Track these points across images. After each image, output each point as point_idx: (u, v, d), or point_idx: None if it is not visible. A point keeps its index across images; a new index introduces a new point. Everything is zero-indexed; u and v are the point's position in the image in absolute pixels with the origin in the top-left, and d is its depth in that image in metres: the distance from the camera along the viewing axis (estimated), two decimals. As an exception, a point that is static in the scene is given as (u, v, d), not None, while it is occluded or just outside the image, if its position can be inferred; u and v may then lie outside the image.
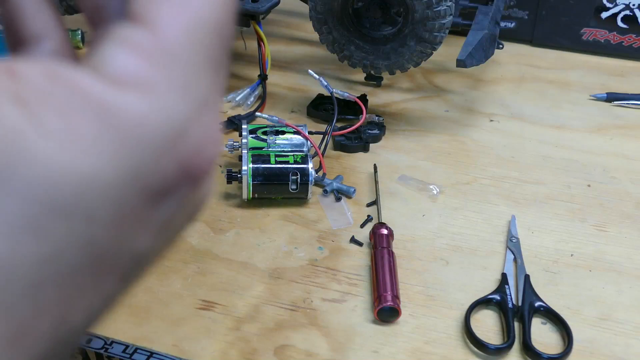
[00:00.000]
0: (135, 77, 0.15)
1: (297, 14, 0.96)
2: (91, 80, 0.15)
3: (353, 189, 0.62)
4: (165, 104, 0.16)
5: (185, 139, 0.16)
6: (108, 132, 0.15)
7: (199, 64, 0.17)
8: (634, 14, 0.86)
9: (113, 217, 0.15)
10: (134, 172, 0.15)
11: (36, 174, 0.14)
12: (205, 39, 0.17)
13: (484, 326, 0.49)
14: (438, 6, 0.64)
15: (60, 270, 0.15)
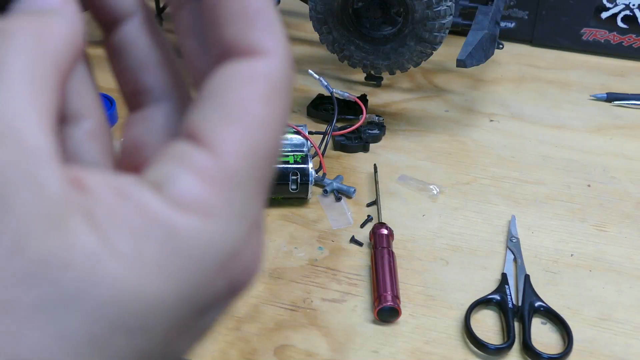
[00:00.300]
0: (198, 202, 0.16)
1: (297, 14, 0.96)
2: (158, 203, 0.16)
3: (353, 189, 0.62)
4: (224, 229, 0.16)
5: (236, 260, 0.17)
6: (172, 256, 0.16)
7: (255, 188, 0.17)
8: (634, 14, 0.86)
9: (167, 330, 0.16)
10: (191, 292, 0.16)
11: (107, 295, 0.15)
12: (261, 164, 0.17)
13: (484, 326, 0.49)
14: (438, 6, 0.64)
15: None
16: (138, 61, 0.21)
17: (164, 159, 0.17)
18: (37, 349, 0.14)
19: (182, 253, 0.16)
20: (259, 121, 0.17)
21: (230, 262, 0.17)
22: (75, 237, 0.15)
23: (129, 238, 0.15)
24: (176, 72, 0.21)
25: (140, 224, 0.15)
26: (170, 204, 0.16)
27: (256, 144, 0.17)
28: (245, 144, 0.17)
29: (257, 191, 0.17)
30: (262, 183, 0.18)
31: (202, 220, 0.16)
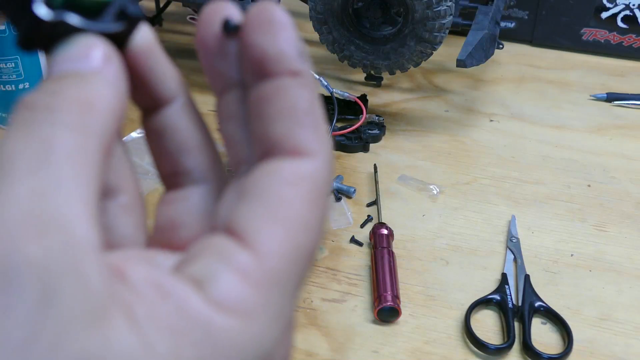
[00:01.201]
0: (239, 303, 0.16)
1: (297, 14, 0.96)
2: (199, 303, 0.16)
3: (353, 189, 0.62)
4: (261, 330, 0.16)
5: (272, 357, 0.17)
6: (210, 357, 0.15)
7: (293, 289, 0.17)
8: (634, 14, 0.86)
9: None
10: None
11: None
12: (301, 265, 0.17)
13: (484, 326, 0.49)
14: (438, 6, 0.64)
15: None
16: (179, 144, 0.20)
17: (205, 254, 0.17)
18: None
19: (220, 354, 0.16)
20: (302, 223, 0.17)
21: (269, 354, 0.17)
22: (114, 336, 0.14)
23: (169, 338, 0.15)
24: (215, 154, 0.21)
25: (180, 324, 0.15)
26: (210, 305, 0.16)
27: (298, 245, 0.17)
28: (288, 246, 0.17)
29: (295, 292, 0.17)
30: (299, 284, 0.17)
31: (240, 321, 0.16)
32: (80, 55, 0.17)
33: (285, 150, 0.18)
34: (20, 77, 0.68)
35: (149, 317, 0.15)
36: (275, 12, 0.19)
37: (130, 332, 0.15)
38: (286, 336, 0.18)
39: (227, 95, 0.20)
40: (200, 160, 0.21)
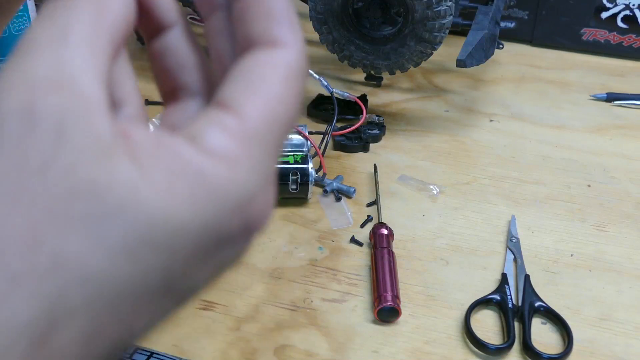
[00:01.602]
0: (224, 152, 0.19)
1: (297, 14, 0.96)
2: (191, 150, 0.19)
3: (353, 189, 0.62)
4: (243, 176, 0.20)
5: (251, 204, 0.20)
6: (200, 192, 0.19)
7: (270, 149, 0.21)
8: (634, 14, 0.86)
9: (189, 255, 0.19)
10: (213, 225, 0.19)
11: (142, 215, 0.18)
12: (276, 130, 0.21)
13: (484, 326, 0.49)
14: (438, 6, 0.64)
15: (140, 289, 0.19)
16: (178, 63, 0.24)
17: (197, 121, 0.20)
18: (79, 252, 0.18)
19: (208, 191, 0.19)
20: (277, 96, 0.21)
21: (246, 204, 0.20)
22: (119, 168, 0.18)
23: (165, 175, 0.18)
24: (207, 73, 0.24)
25: (175, 165, 0.19)
26: (201, 153, 0.19)
27: (274, 113, 0.20)
28: (265, 112, 0.20)
29: (272, 152, 0.21)
30: (277, 146, 0.21)
31: (226, 167, 0.19)
32: None
33: (265, 43, 0.21)
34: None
35: (148, 159, 0.18)
36: None
37: (132, 167, 0.18)
38: (266, 189, 0.21)
39: (213, 16, 0.23)
40: (196, 76, 0.24)
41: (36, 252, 0.17)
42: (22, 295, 0.17)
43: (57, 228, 0.18)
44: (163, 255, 0.19)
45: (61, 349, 0.18)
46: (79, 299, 0.18)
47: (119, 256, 0.18)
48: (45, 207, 0.18)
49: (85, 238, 0.18)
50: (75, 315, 0.18)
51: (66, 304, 0.18)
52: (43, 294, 0.18)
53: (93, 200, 0.18)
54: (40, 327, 0.17)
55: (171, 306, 0.21)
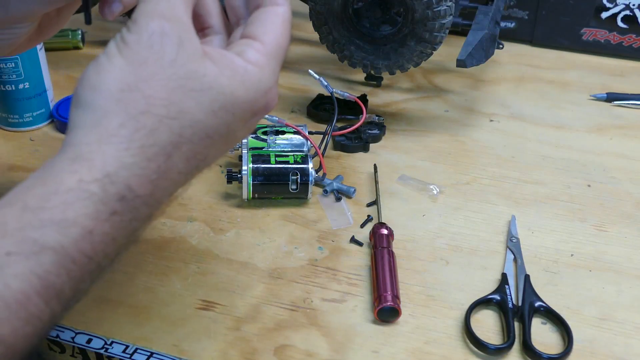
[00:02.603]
0: (257, 62, 0.36)
1: (297, 14, 0.95)
2: (240, 60, 0.36)
3: (353, 189, 0.62)
4: (267, 76, 0.37)
5: (270, 92, 0.37)
6: (247, 81, 0.36)
7: (279, 61, 0.38)
8: (634, 14, 0.86)
9: (240, 117, 0.36)
10: (253, 100, 0.36)
11: (220, 90, 0.35)
12: (282, 51, 0.38)
13: (484, 326, 0.49)
14: (438, 6, 0.64)
15: (216, 133, 0.35)
16: (208, 12, 0.41)
17: (239, 44, 0.37)
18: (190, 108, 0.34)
19: (251, 81, 0.36)
20: (281, 32, 0.37)
21: (268, 91, 0.37)
22: (207, 64, 0.35)
23: (229, 70, 0.35)
24: (225, 19, 0.41)
25: (233, 66, 0.35)
26: (245, 60, 0.36)
27: (280, 41, 0.37)
28: (276, 40, 0.37)
29: (280, 63, 0.38)
30: (281, 61, 0.38)
31: (259, 69, 0.36)
32: None
33: (269, 3, 0.38)
34: (20, 77, 0.68)
35: (219, 62, 0.35)
36: None
37: (213, 66, 0.35)
38: (275, 86, 0.38)
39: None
40: (218, 20, 0.41)
41: (171, 105, 0.33)
42: (164, 127, 0.33)
43: (180, 94, 0.34)
44: (229, 115, 0.35)
45: (175, 163, 0.34)
46: (189, 134, 0.34)
47: (209, 113, 0.34)
48: (174, 82, 0.33)
49: (193, 100, 0.34)
50: (186, 143, 0.34)
51: (183, 136, 0.34)
52: (174, 129, 0.34)
53: (197, 81, 0.34)
54: (170, 147, 0.33)
55: (225, 148, 0.37)
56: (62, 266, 0.31)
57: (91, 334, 0.47)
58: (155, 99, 0.33)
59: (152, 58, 0.33)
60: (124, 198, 0.32)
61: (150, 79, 0.33)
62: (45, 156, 0.67)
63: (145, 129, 0.33)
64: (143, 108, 0.33)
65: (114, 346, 0.46)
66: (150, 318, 0.49)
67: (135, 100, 0.33)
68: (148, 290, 0.51)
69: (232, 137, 0.37)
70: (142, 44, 0.34)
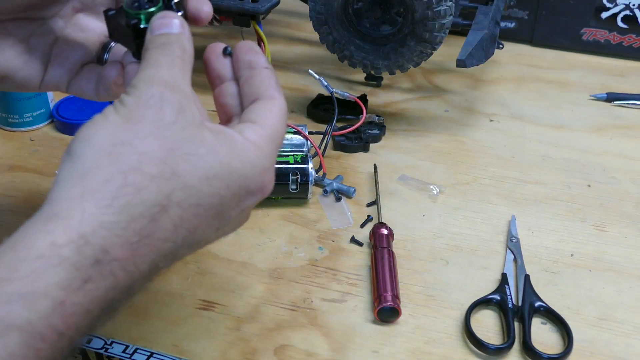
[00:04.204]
0: (256, 142, 0.36)
1: (297, 14, 0.96)
2: (240, 137, 0.35)
3: (353, 189, 0.62)
4: (265, 155, 0.36)
5: (266, 173, 0.36)
6: (243, 157, 0.35)
7: (276, 145, 0.37)
8: (634, 14, 0.86)
9: (234, 193, 0.34)
10: (249, 176, 0.35)
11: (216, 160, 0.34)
12: (279, 136, 0.37)
13: (484, 326, 0.49)
14: (438, 6, 0.64)
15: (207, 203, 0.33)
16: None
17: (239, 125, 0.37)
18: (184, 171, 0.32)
19: (249, 158, 0.35)
20: (277, 119, 0.37)
21: (264, 172, 0.36)
22: (206, 133, 0.34)
23: (227, 146, 0.34)
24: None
25: (232, 143, 0.35)
26: (244, 139, 0.35)
27: (278, 128, 0.37)
28: (274, 127, 0.37)
29: (277, 148, 0.37)
30: (278, 146, 0.37)
31: (257, 149, 0.35)
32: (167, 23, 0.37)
33: (266, 97, 0.38)
34: (20, 77, 0.68)
35: (218, 134, 0.34)
36: (254, 45, 0.40)
37: (211, 135, 0.34)
38: (272, 169, 0.37)
39: (223, 85, 0.41)
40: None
41: (164, 166, 0.32)
42: (153, 187, 0.31)
43: (175, 156, 0.32)
44: (223, 186, 0.34)
45: (161, 228, 0.32)
46: (178, 197, 0.32)
47: (203, 180, 0.33)
48: (170, 144, 0.32)
49: (188, 164, 0.32)
50: (175, 207, 0.32)
51: (172, 199, 0.32)
52: (164, 189, 0.32)
53: (194, 145, 0.33)
54: (157, 208, 0.31)
55: (216, 227, 0.35)
56: (30, 346, 0.28)
57: (91, 334, 0.47)
58: (148, 157, 0.31)
59: (149, 118, 0.32)
60: (99, 262, 0.29)
61: (145, 137, 0.32)
62: (45, 156, 0.67)
63: (132, 186, 0.31)
64: (134, 164, 0.31)
65: (113, 346, 0.46)
66: (150, 318, 0.49)
67: (127, 155, 0.31)
68: (148, 290, 0.51)
69: (224, 216, 0.35)
70: (140, 104, 0.33)
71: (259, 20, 0.69)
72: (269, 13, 0.71)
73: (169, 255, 0.33)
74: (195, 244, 0.34)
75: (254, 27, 0.70)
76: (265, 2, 0.69)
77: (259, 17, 0.69)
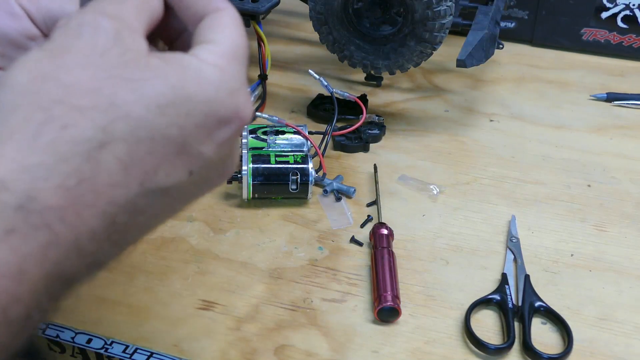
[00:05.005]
0: (213, 62, 0.30)
1: (297, 14, 0.96)
2: (192, 58, 0.30)
3: (353, 189, 0.62)
4: (230, 77, 0.30)
5: (238, 94, 0.30)
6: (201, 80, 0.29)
7: (241, 63, 0.31)
8: (634, 14, 0.86)
9: (198, 122, 0.29)
10: (215, 100, 0.29)
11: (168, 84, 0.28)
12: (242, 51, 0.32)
13: (484, 326, 0.49)
14: (438, 6, 0.64)
15: (163, 137, 0.28)
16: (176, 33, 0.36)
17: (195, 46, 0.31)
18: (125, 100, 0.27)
19: (208, 79, 0.29)
20: (234, 31, 0.32)
21: (235, 92, 0.30)
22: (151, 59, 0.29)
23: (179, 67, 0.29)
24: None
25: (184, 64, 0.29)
26: (200, 61, 0.30)
27: (237, 41, 0.31)
28: (231, 40, 0.31)
29: (243, 65, 0.32)
30: (244, 63, 0.32)
31: (218, 70, 0.30)
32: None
33: (212, 10, 0.32)
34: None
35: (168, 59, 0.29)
36: None
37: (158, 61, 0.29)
38: (245, 89, 0.31)
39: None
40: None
41: (98, 96, 0.27)
42: (85, 121, 0.26)
43: (113, 84, 0.27)
44: (181, 114, 0.28)
45: (107, 165, 0.26)
46: (121, 131, 0.27)
47: (152, 108, 0.27)
48: (104, 71, 0.27)
49: (130, 91, 0.27)
50: (118, 142, 0.27)
51: (113, 133, 0.26)
52: (99, 122, 0.26)
53: (137, 69, 0.28)
54: (93, 145, 0.26)
55: (185, 173, 0.29)
56: None
57: (91, 334, 0.47)
58: (76, 89, 0.26)
59: (78, 47, 0.27)
60: (23, 209, 0.24)
61: (73, 67, 0.27)
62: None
63: (58, 121, 0.26)
64: (58, 97, 0.26)
65: (114, 346, 0.46)
66: (150, 318, 0.49)
67: (49, 89, 0.26)
68: (148, 290, 0.51)
69: (192, 152, 0.29)
70: (68, 34, 0.28)
71: (259, 20, 0.69)
72: (269, 13, 0.71)
73: (127, 206, 0.27)
74: (162, 191, 0.29)
75: (254, 27, 0.70)
76: (265, 2, 0.69)
77: (259, 17, 0.69)
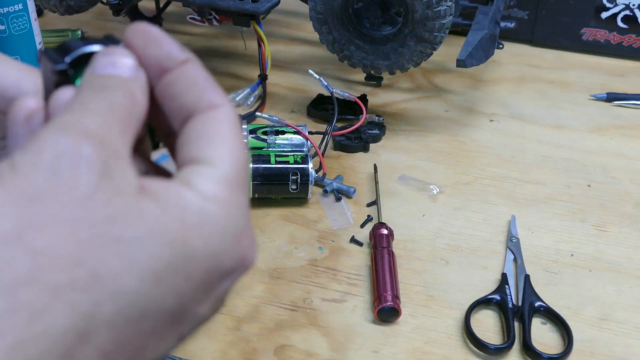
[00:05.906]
0: (215, 195, 0.23)
1: (297, 14, 0.96)
2: (191, 195, 0.23)
3: (353, 189, 0.62)
4: (235, 213, 0.24)
5: (243, 237, 0.24)
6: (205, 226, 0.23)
7: (244, 186, 0.25)
8: (634, 14, 0.86)
9: (198, 282, 0.23)
10: (219, 253, 0.23)
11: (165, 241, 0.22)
12: (243, 170, 0.25)
13: (484, 326, 0.49)
14: (438, 6, 0.64)
15: (157, 309, 0.22)
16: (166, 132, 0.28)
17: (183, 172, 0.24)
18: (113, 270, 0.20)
19: (212, 224, 0.23)
20: (233, 143, 0.25)
21: (240, 237, 0.24)
22: (147, 204, 0.22)
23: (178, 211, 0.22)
24: None
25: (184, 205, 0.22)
26: (201, 198, 0.23)
27: (238, 159, 0.24)
28: (232, 159, 0.24)
29: (245, 190, 0.25)
30: (246, 184, 0.25)
31: (221, 207, 0.23)
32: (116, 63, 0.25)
33: (203, 108, 0.25)
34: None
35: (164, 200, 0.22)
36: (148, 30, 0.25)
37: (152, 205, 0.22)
38: (249, 225, 0.25)
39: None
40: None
41: (78, 268, 0.20)
42: (61, 306, 0.20)
43: (97, 247, 0.20)
44: (181, 280, 0.22)
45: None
46: (108, 313, 0.20)
47: (147, 278, 0.21)
48: (86, 229, 0.20)
49: (118, 257, 0.21)
50: (102, 329, 0.20)
51: (96, 318, 0.20)
52: (79, 306, 0.20)
53: (128, 226, 0.21)
54: (71, 338, 0.20)
55: (175, 338, 0.23)
56: None
57: None
58: (49, 257, 0.20)
59: (52, 191, 0.21)
60: None
61: (44, 224, 0.20)
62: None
63: (26, 309, 0.19)
64: (24, 273, 0.19)
65: (114, 346, 0.46)
66: (150, 318, 0.48)
67: (11, 260, 0.19)
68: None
69: (188, 318, 0.23)
70: (39, 170, 0.21)
71: (259, 20, 0.69)
72: (269, 13, 0.71)
73: None
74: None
75: (254, 27, 0.70)
76: (265, 2, 0.69)
77: (259, 17, 0.69)
